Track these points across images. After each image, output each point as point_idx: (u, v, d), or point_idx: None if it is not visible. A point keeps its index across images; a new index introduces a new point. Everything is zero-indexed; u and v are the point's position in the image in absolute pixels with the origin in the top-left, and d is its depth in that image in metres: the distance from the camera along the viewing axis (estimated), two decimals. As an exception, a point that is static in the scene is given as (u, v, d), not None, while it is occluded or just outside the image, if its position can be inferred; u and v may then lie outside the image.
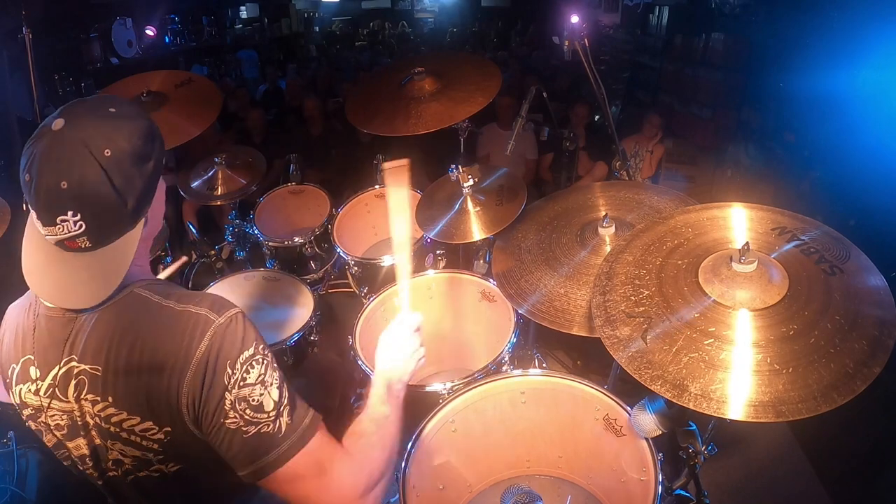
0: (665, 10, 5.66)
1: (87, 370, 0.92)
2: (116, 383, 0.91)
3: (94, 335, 0.92)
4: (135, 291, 0.94)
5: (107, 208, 0.86)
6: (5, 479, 1.67)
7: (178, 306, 0.93)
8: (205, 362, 0.88)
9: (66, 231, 0.85)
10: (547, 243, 1.79)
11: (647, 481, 1.29)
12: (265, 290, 2.39)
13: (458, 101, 2.17)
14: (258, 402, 0.90)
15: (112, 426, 0.93)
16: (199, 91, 2.62)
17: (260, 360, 0.92)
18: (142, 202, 0.91)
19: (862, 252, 1.21)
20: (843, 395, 0.97)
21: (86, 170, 0.83)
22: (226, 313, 0.92)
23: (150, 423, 0.92)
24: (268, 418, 0.90)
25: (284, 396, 0.93)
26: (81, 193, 0.83)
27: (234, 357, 0.90)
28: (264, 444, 0.90)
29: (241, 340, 0.91)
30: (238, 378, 0.89)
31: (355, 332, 1.90)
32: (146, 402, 0.91)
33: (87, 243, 0.88)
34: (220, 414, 0.89)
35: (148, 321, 0.92)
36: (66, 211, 0.84)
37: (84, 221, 0.85)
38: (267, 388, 0.91)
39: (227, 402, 0.89)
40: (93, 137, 0.84)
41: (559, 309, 1.59)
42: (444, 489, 1.53)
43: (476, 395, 1.53)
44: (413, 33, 13.45)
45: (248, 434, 0.89)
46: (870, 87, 2.70)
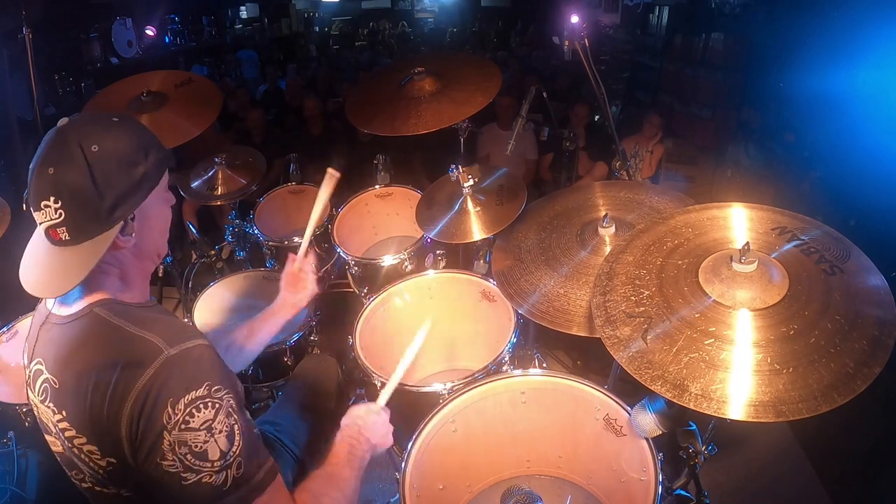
0: (665, 10, 5.67)
1: (50, 380, 0.92)
2: (70, 401, 0.89)
3: (56, 349, 0.93)
4: (94, 311, 0.93)
5: (83, 199, 0.89)
6: (5, 479, 1.67)
7: (132, 329, 0.90)
8: (144, 395, 0.84)
9: (48, 218, 0.89)
10: (547, 243, 1.79)
11: (648, 481, 1.28)
12: (265, 290, 2.38)
13: (458, 102, 2.17)
14: (202, 448, 0.84)
15: (66, 440, 0.92)
16: (199, 91, 2.62)
17: (209, 403, 0.85)
18: (120, 202, 0.91)
19: (862, 252, 1.21)
20: (844, 394, 0.97)
21: (71, 160, 0.88)
22: (182, 345, 0.88)
23: (95, 447, 0.89)
24: (211, 468, 0.84)
25: (236, 446, 0.87)
26: (63, 181, 0.88)
27: (178, 396, 0.84)
28: (204, 495, 0.84)
29: (189, 378, 0.86)
30: (179, 420, 0.83)
31: (355, 332, 1.90)
32: (91, 426, 0.88)
33: (66, 235, 0.89)
34: (156, 453, 0.84)
35: (100, 343, 0.90)
36: (49, 196, 0.88)
37: (63, 210, 0.88)
38: (214, 435, 0.85)
39: (164, 442, 0.83)
40: (86, 135, 0.90)
41: (559, 309, 1.59)
42: (444, 489, 1.53)
43: (476, 395, 1.53)
44: (413, 33, 13.46)
45: (188, 482, 0.84)
46: (870, 87, 2.70)
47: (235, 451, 0.87)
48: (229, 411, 0.88)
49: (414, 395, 1.66)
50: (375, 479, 2.06)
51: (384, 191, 2.84)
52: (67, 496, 1.73)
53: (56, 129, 0.91)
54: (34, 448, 1.75)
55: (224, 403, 0.87)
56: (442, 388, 1.61)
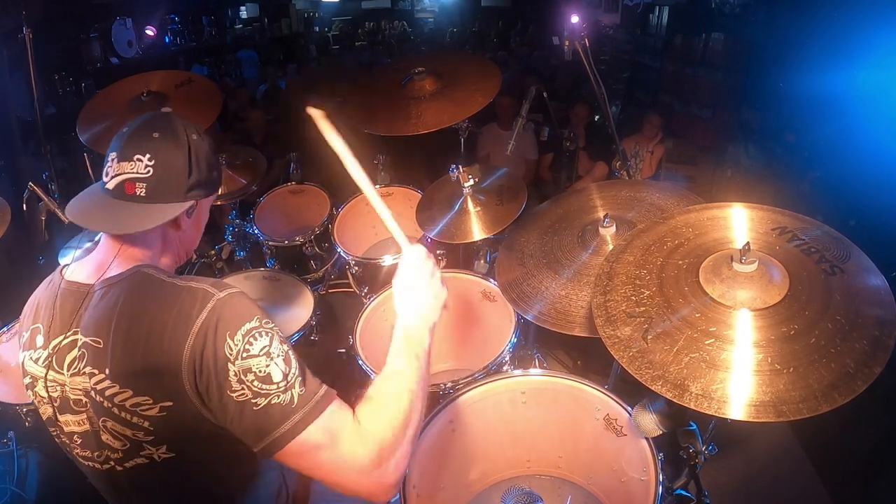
0: (665, 10, 5.67)
1: (89, 343, 0.95)
2: (115, 356, 0.93)
3: (99, 309, 0.96)
4: (141, 270, 1.00)
5: (175, 169, 1.01)
6: (5, 479, 1.67)
7: (179, 282, 0.98)
8: (203, 334, 0.90)
9: (134, 170, 0.98)
10: (549, 247, 1.79)
11: (648, 481, 1.28)
12: (265, 290, 2.39)
13: (458, 101, 2.17)
14: (265, 373, 0.90)
15: (106, 400, 0.94)
16: (199, 91, 2.62)
17: (262, 332, 0.92)
18: (199, 186, 1.05)
19: (862, 252, 1.21)
20: (844, 394, 0.97)
21: (176, 136, 1.01)
22: (228, 290, 0.96)
23: (145, 398, 0.92)
24: (277, 389, 0.90)
25: (293, 367, 0.93)
26: (165, 145, 1.00)
27: (235, 328, 0.91)
28: (276, 415, 0.89)
29: (241, 313, 0.93)
30: (240, 349, 0.90)
31: (355, 332, 1.90)
32: (143, 375, 0.92)
33: (143, 191, 0.98)
34: (225, 387, 0.89)
35: (150, 296, 0.96)
36: (146, 153, 0.98)
37: (153, 168, 0.98)
38: (273, 359, 0.91)
39: (231, 373, 0.89)
40: (189, 125, 1.05)
41: (561, 311, 1.59)
42: (444, 489, 1.53)
43: (476, 395, 1.53)
44: (413, 33, 13.45)
45: (259, 406, 0.89)
46: (870, 87, 2.70)
47: (294, 372, 0.93)
48: (280, 339, 0.95)
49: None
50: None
51: (384, 191, 2.84)
52: (67, 496, 1.73)
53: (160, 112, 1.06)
54: (34, 448, 1.75)
55: (274, 332, 0.94)
56: (442, 388, 1.61)
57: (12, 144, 3.65)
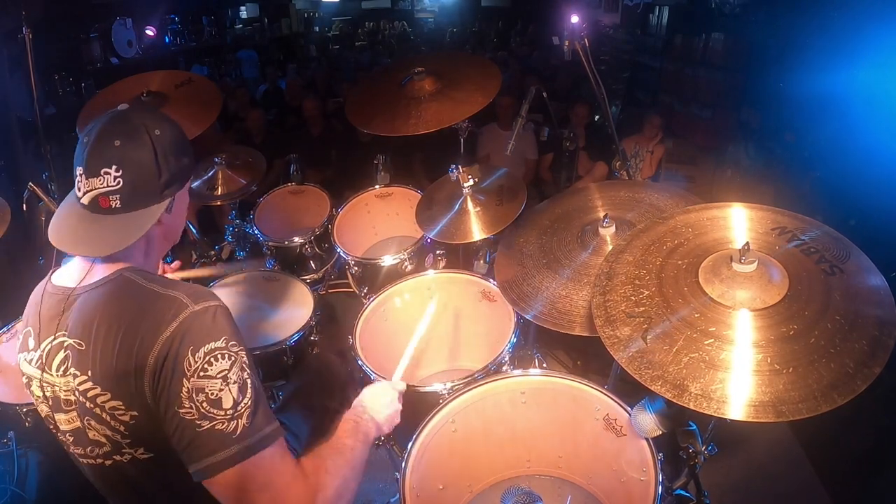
0: (665, 10, 5.66)
1: (73, 345, 0.96)
2: (95, 358, 0.94)
3: (83, 312, 0.97)
4: (124, 275, 1.00)
5: (144, 173, 0.98)
6: (5, 479, 1.67)
7: (159, 289, 0.97)
8: (168, 344, 0.90)
9: (105, 185, 0.96)
10: (548, 246, 1.79)
11: (647, 481, 1.28)
12: (265, 290, 2.38)
13: (458, 101, 2.17)
14: (216, 396, 0.90)
15: (88, 401, 0.96)
16: (199, 91, 2.62)
17: (226, 355, 0.92)
18: (172, 181, 1.03)
19: (862, 252, 1.21)
20: (844, 394, 0.97)
21: (138, 136, 0.98)
22: (203, 303, 0.95)
23: (119, 403, 0.94)
24: (224, 415, 0.90)
25: (248, 398, 0.92)
26: (128, 153, 0.97)
27: (199, 345, 0.90)
28: (215, 441, 0.89)
29: (209, 331, 0.92)
30: (198, 367, 0.90)
31: (355, 332, 1.90)
32: (117, 379, 0.93)
33: (118, 203, 0.97)
34: (175, 402, 0.89)
35: (129, 300, 0.96)
36: (112, 164, 0.96)
37: (122, 178, 0.96)
38: (228, 384, 0.91)
39: (183, 389, 0.89)
40: (149, 120, 1.01)
41: (561, 311, 1.59)
42: (444, 489, 1.53)
43: (476, 395, 1.53)
44: (413, 33, 13.45)
45: (202, 428, 0.89)
46: (870, 88, 2.69)
47: (247, 402, 0.92)
48: (242, 366, 0.94)
49: (414, 395, 1.66)
50: (375, 479, 2.06)
51: (384, 191, 2.84)
52: (67, 496, 1.73)
53: (117, 111, 1.01)
54: (34, 448, 1.76)
55: (238, 358, 0.94)
56: (442, 388, 1.61)
57: (12, 144, 3.65)
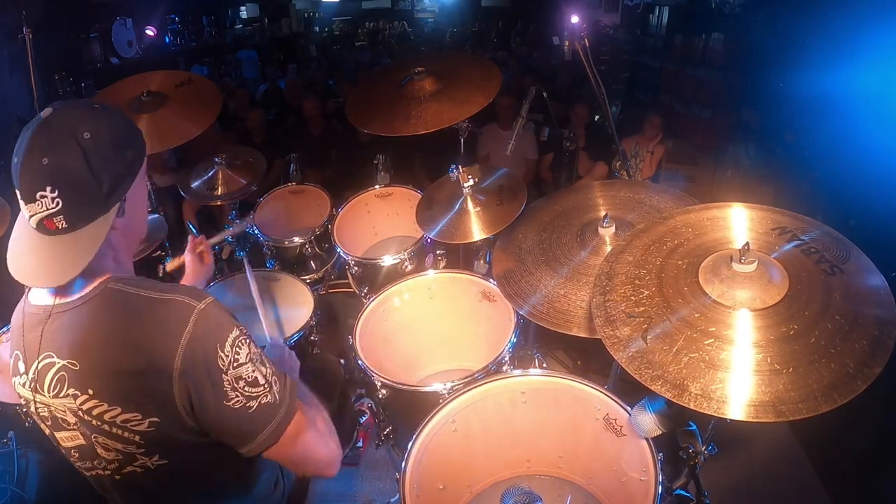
0: (665, 10, 5.67)
1: (67, 365, 0.93)
2: (96, 376, 0.92)
3: (71, 331, 0.94)
4: (109, 287, 0.96)
5: (81, 186, 0.90)
6: (5, 479, 1.67)
7: (153, 294, 0.95)
8: (192, 347, 0.90)
9: (44, 208, 0.89)
10: (547, 244, 1.79)
11: (648, 481, 1.28)
12: (265, 291, 2.38)
13: (458, 101, 2.17)
14: (252, 377, 0.95)
15: (94, 419, 0.94)
16: (199, 91, 2.61)
17: (243, 339, 0.96)
18: (116, 186, 0.94)
19: (862, 252, 1.21)
20: (844, 394, 0.97)
21: (65, 148, 0.88)
22: (205, 300, 0.96)
23: (134, 413, 0.93)
24: (264, 389, 0.96)
25: (269, 366, 0.99)
26: (60, 169, 0.88)
27: (223, 340, 0.93)
28: (268, 412, 0.96)
29: (224, 324, 0.95)
30: (231, 360, 0.93)
31: (355, 332, 1.90)
32: (130, 392, 0.92)
33: (64, 223, 0.90)
34: (222, 397, 0.93)
35: (126, 312, 0.94)
36: (45, 186, 0.88)
37: (60, 198, 0.88)
38: (255, 363, 0.96)
39: (225, 383, 0.92)
40: (76, 122, 0.90)
41: (559, 310, 1.59)
42: (444, 489, 1.53)
43: (476, 395, 1.53)
44: (413, 33, 13.45)
45: (252, 409, 0.95)
46: (870, 88, 2.69)
47: (271, 370, 1.00)
48: (251, 341, 0.99)
49: (414, 395, 1.67)
50: (375, 479, 2.06)
51: (384, 191, 2.84)
52: (67, 496, 1.73)
53: (41, 119, 0.90)
54: (34, 448, 1.75)
55: (249, 337, 0.99)
56: (442, 388, 1.61)
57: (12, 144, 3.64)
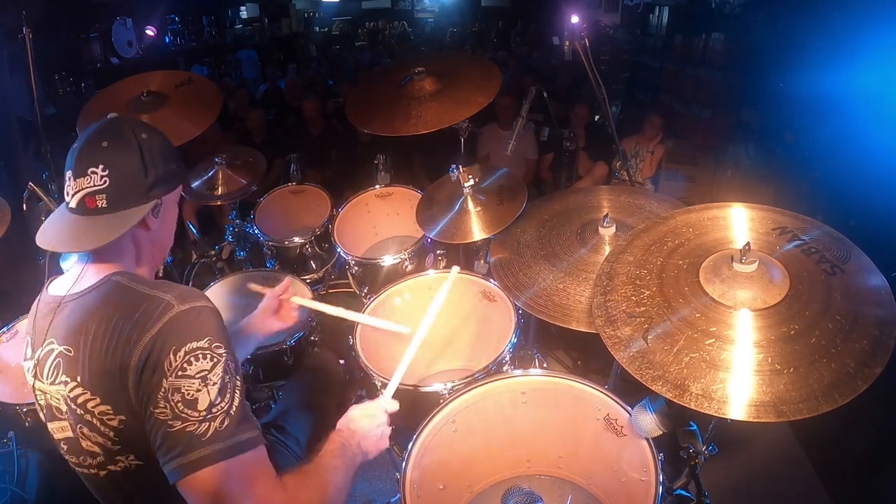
0: (665, 10, 5.66)
1: (63, 351, 0.97)
2: (84, 363, 0.94)
3: (72, 319, 0.98)
4: (112, 279, 1.01)
5: (130, 172, 1.01)
6: (5, 479, 1.67)
7: (146, 290, 0.97)
8: (151, 344, 0.89)
9: (91, 183, 0.98)
10: (546, 239, 1.80)
11: (648, 481, 1.28)
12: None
13: (458, 101, 2.17)
14: (192, 397, 0.88)
15: (79, 408, 0.95)
16: (199, 91, 2.61)
17: (208, 355, 0.90)
18: (159, 182, 1.04)
19: (862, 252, 1.21)
20: (845, 394, 0.97)
21: (125, 139, 1.02)
22: (191, 303, 0.94)
23: (108, 407, 0.93)
24: (197, 416, 0.88)
25: (227, 402, 0.90)
26: (115, 152, 1.00)
27: (181, 344, 0.89)
28: (185, 442, 0.87)
29: (194, 331, 0.91)
30: (178, 366, 0.88)
31: (355, 333, 1.89)
32: (104, 382, 0.93)
33: (104, 202, 0.99)
34: (151, 402, 0.88)
35: (116, 303, 0.96)
36: (99, 164, 0.99)
37: (109, 177, 0.99)
38: (207, 385, 0.89)
39: (161, 389, 0.88)
40: (137, 125, 1.06)
41: (557, 304, 1.59)
42: (444, 489, 1.52)
43: (476, 395, 1.53)
44: (413, 33, 13.44)
45: (172, 429, 0.87)
46: (870, 88, 2.69)
47: (223, 405, 0.90)
48: (226, 368, 0.92)
49: (414, 395, 1.66)
50: (375, 479, 2.06)
51: (384, 191, 2.84)
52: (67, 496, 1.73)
53: (107, 119, 1.05)
54: (34, 448, 1.75)
55: (222, 360, 0.92)
56: (442, 388, 1.61)
57: (12, 144, 3.65)
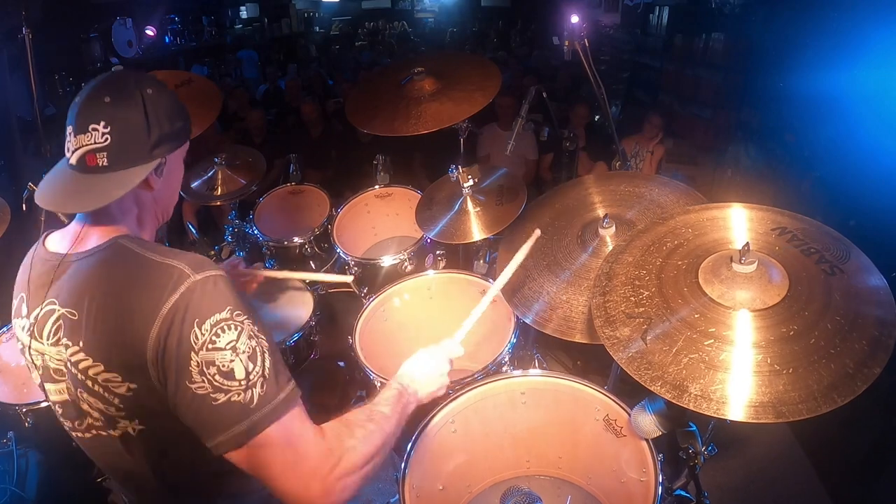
0: (665, 10, 5.67)
1: (66, 314, 0.94)
2: (88, 329, 0.91)
3: (75, 281, 0.95)
4: (119, 242, 0.97)
5: (133, 130, 0.96)
6: (5, 479, 1.67)
7: (157, 258, 0.94)
8: (171, 317, 0.86)
9: (92, 140, 0.94)
10: (548, 247, 1.78)
11: (647, 482, 1.28)
12: (265, 290, 2.38)
13: (457, 101, 2.16)
14: (228, 368, 0.87)
15: (80, 373, 0.93)
16: (199, 91, 2.61)
17: (232, 325, 0.89)
18: (163, 141, 1.00)
19: (862, 252, 1.21)
20: (844, 395, 0.97)
21: (129, 94, 0.96)
22: (206, 272, 0.91)
23: (115, 375, 0.91)
24: (238, 386, 0.87)
25: (259, 365, 0.90)
26: (118, 109, 0.95)
27: (204, 317, 0.87)
28: (234, 413, 0.87)
29: (214, 301, 0.89)
30: (206, 340, 0.87)
31: (355, 333, 1.89)
32: (113, 351, 0.90)
33: (105, 160, 0.95)
34: (184, 376, 0.86)
35: (125, 270, 0.93)
36: (100, 120, 0.94)
37: (111, 135, 0.94)
38: (238, 354, 0.88)
39: (192, 363, 0.86)
40: (143, 79, 1.00)
41: (562, 316, 1.58)
42: (444, 489, 1.52)
43: (476, 395, 1.53)
44: (413, 33, 13.44)
45: (217, 402, 0.86)
46: (869, 88, 2.69)
47: (258, 370, 0.90)
48: (251, 333, 0.91)
49: (414, 396, 1.66)
50: (375, 479, 2.06)
51: (384, 191, 2.84)
52: (67, 496, 1.73)
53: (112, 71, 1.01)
54: (34, 448, 1.75)
55: (245, 326, 0.91)
56: (442, 388, 1.61)
57: (12, 144, 3.65)
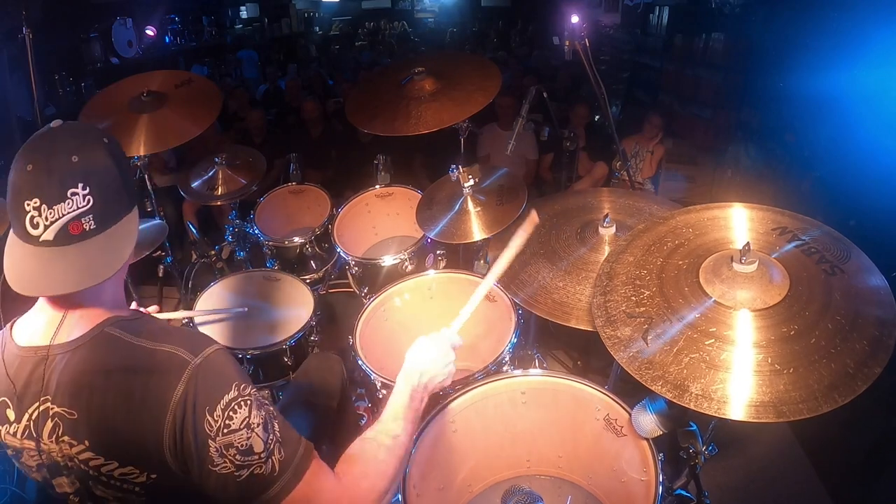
0: (665, 10, 5.67)
1: (63, 413, 0.89)
2: (91, 428, 0.88)
3: (68, 376, 0.90)
4: (105, 331, 0.91)
5: (110, 182, 0.89)
6: (5, 479, 1.67)
7: (149, 345, 0.90)
8: (182, 409, 0.85)
9: (74, 207, 0.85)
10: (546, 238, 1.80)
11: (648, 481, 1.28)
12: (265, 290, 2.38)
13: (458, 101, 2.17)
14: (246, 445, 0.87)
15: (91, 469, 0.91)
16: (199, 91, 2.62)
17: (241, 402, 0.89)
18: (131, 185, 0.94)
19: (862, 252, 1.21)
20: (844, 395, 0.97)
21: (93, 147, 0.88)
22: (202, 352, 0.89)
23: (132, 468, 0.90)
24: (259, 460, 0.88)
25: (273, 433, 0.91)
26: (90, 166, 0.87)
27: (214, 403, 0.87)
28: (259, 485, 0.88)
29: (220, 384, 0.88)
30: (220, 426, 0.86)
31: (355, 333, 1.89)
32: (126, 448, 0.88)
33: (92, 223, 0.87)
34: (207, 462, 0.87)
35: (120, 363, 0.89)
36: (77, 183, 0.85)
37: (92, 195, 0.86)
38: (253, 430, 0.88)
39: (211, 449, 0.86)
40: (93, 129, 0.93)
41: (557, 301, 1.60)
42: (444, 489, 1.52)
43: (476, 395, 1.53)
44: (413, 33, 13.45)
45: (241, 478, 0.88)
46: (869, 88, 2.70)
47: (273, 437, 0.91)
48: (258, 404, 0.91)
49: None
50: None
51: (384, 191, 2.84)
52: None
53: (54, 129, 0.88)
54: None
55: (252, 398, 0.91)
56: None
57: (12, 144, 3.65)
